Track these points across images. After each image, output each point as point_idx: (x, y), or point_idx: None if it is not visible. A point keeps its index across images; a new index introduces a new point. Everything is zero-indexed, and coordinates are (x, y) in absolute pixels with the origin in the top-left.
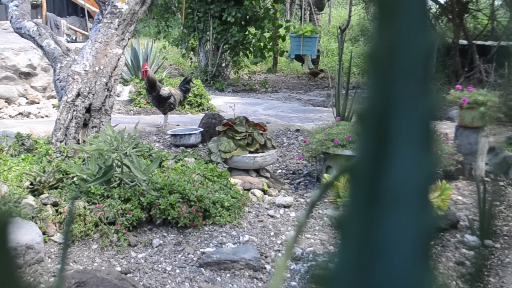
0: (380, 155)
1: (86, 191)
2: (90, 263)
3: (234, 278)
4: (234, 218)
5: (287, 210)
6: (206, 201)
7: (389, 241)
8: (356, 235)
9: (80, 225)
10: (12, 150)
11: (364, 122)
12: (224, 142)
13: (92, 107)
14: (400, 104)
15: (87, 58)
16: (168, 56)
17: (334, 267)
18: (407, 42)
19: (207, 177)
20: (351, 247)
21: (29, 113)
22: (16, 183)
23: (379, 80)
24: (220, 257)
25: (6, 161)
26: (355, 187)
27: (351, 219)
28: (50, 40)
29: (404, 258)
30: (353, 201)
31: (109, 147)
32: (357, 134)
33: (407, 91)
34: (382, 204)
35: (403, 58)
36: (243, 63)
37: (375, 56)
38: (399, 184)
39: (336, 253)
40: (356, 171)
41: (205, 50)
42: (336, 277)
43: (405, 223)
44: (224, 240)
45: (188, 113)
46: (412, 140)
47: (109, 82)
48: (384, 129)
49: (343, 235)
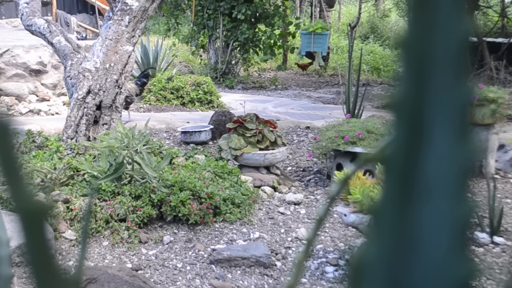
0: (415, 145)
1: (97, 188)
2: (101, 259)
3: (245, 275)
4: (244, 215)
5: (297, 207)
6: (217, 198)
7: (425, 232)
8: (391, 226)
9: (91, 222)
10: (23, 147)
11: (398, 111)
12: (235, 139)
13: (102, 104)
14: (435, 92)
15: (97, 55)
16: (178, 54)
17: (369, 259)
18: (443, 30)
19: (218, 174)
20: (386, 238)
21: (40, 110)
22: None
23: (414, 68)
24: (231, 254)
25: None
26: (390, 177)
27: (386, 210)
28: (61, 37)
29: (440, 250)
30: (387, 191)
31: (120, 144)
32: (391, 124)
33: (443, 79)
34: (418, 195)
35: (438, 46)
36: (253, 60)
37: (410, 45)
38: (435, 174)
39: (371, 245)
40: (391, 161)
41: (215, 48)
42: (371, 269)
43: (441, 214)
44: (235, 237)
45: (198, 110)
46: (447, 129)
47: (120, 79)
48: (419, 118)
49: (378, 227)
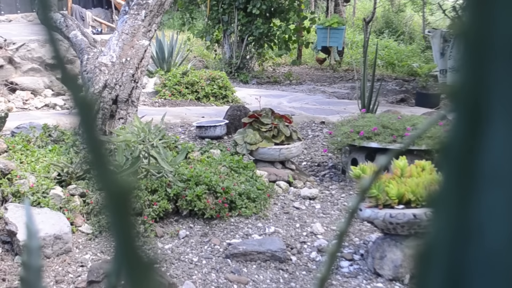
0: (476, 132)
1: None
2: None
3: (260, 269)
4: (259, 210)
5: (312, 202)
6: (232, 192)
7: (487, 220)
8: (452, 215)
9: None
10: (39, 141)
11: (459, 100)
12: (250, 134)
13: (118, 99)
14: (496, 80)
15: (113, 50)
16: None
17: (429, 246)
18: (503, 17)
19: (233, 169)
20: (447, 226)
21: (55, 104)
22: (44, 174)
23: (474, 57)
24: (246, 248)
25: (33, 152)
26: (450, 165)
27: (447, 198)
28: (77, 31)
29: (502, 238)
30: (448, 180)
31: (136, 139)
32: (451, 112)
33: (503, 67)
34: (479, 183)
35: (499, 34)
36: (267, 55)
37: (470, 34)
38: (496, 162)
39: (431, 233)
40: (451, 149)
41: (229, 42)
42: (433, 256)
43: (502, 202)
44: (250, 231)
45: (213, 105)
46: (509, 117)
47: (136, 73)
48: (479, 106)
49: (438, 215)
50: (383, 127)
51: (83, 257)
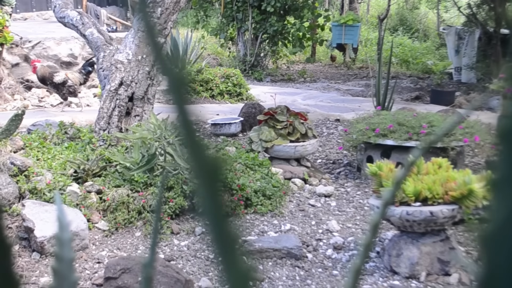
0: None
1: (129, 179)
2: (133, 250)
3: (276, 266)
4: (275, 207)
5: (327, 199)
6: (248, 190)
7: None
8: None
9: (124, 213)
10: (56, 138)
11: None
12: (265, 131)
13: (134, 96)
14: None
15: (129, 47)
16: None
17: (494, 229)
18: None
19: (249, 166)
20: (508, 207)
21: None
22: (60, 170)
23: None
24: (262, 245)
25: (50, 149)
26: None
27: (507, 180)
28: (93, 29)
29: None
30: (508, 163)
31: (152, 136)
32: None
33: None
34: None
35: None
36: (281, 53)
37: None
38: None
39: (495, 215)
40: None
41: (243, 40)
42: (498, 238)
43: None
44: (266, 228)
45: (227, 103)
46: None
47: (152, 71)
48: None
49: (500, 198)
50: (398, 125)
51: (99, 254)
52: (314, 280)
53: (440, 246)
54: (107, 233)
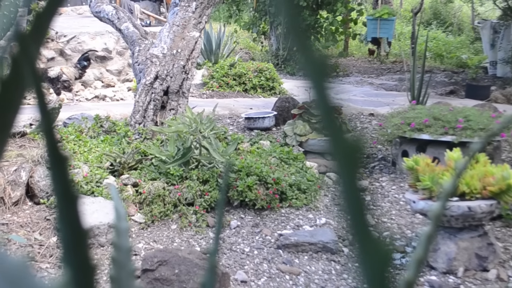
0: None
1: (165, 172)
2: (169, 242)
3: (312, 260)
4: (310, 201)
5: (362, 194)
6: (283, 183)
7: None
8: None
9: (160, 206)
10: (91, 131)
11: None
12: (300, 125)
13: (169, 90)
14: None
15: (165, 41)
16: (239, 41)
17: None
18: None
19: (283, 160)
20: None
21: (105, 96)
22: (97, 164)
23: None
24: (298, 239)
25: (86, 143)
26: None
27: None
28: (129, 23)
29: None
30: None
31: (188, 129)
32: None
33: None
34: None
35: None
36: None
37: None
38: None
39: None
40: None
41: (276, 34)
42: None
43: None
44: (301, 222)
45: (260, 97)
46: None
47: (187, 65)
48: None
49: None
50: (434, 119)
51: (136, 246)
52: (351, 274)
53: (478, 241)
54: (143, 226)
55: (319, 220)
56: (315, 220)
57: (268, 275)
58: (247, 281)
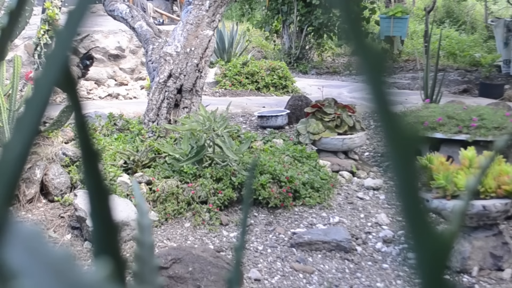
0: None
1: (178, 171)
2: (183, 240)
3: (325, 258)
4: (323, 200)
5: (376, 192)
6: (296, 182)
7: None
8: None
9: (173, 204)
10: (105, 130)
11: None
12: (313, 123)
13: (183, 88)
14: None
15: (178, 40)
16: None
17: None
18: None
19: (296, 158)
20: None
21: (118, 94)
22: (110, 161)
23: None
24: (312, 237)
25: (99, 140)
26: None
27: None
28: (142, 22)
29: None
30: None
31: (201, 127)
32: None
33: None
34: None
35: None
36: (327, 46)
37: None
38: None
39: None
40: None
41: (288, 33)
42: None
43: None
44: (314, 221)
45: (273, 95)
46: None
47: (200, 63)
48: None
49: None
50: (448, 118)
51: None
52: (364, 273)
53: (493, 240)
54: (157, 224)
55: (333, 219)
56: (329, 218)
57: (281, 274)
58: (260, 279)
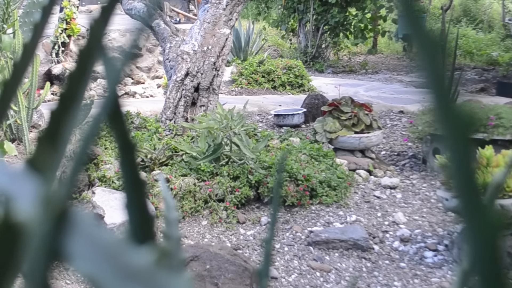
0: None
1: (196, 169)
2: (200, 238)
3: (343, 257)
4: (340, 198)
5: (393, 191)
6: (313, 180)
7: None
8: None
9: (190, 202)
10: None
11: None
12: (330, 122)
13: (200, 86)
14: None
15: (195, 38)
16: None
17: None
18: None
19: (313, 157)
20: None
21: (135, 93)
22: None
23: None
24: (329, 236)
25: None
26: None
27: None
28: (160, 20)
29: None
30: None
31: (218, 126)
32: None
33: None
34: None
35: None
36: (343, 44)
37: None
38: None
39: None
40: None
41: (305, 31)
42: None
43: None
44: (331, 219)
45: (289, 94)
46: None
47: (217, 61)
48: None
49: None
50: None
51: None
52: (381, 272)
53: (510, 240)
54: None
55: (350, 217)
56: (345, 217)
57: (298, 272)
58: (277, 277)
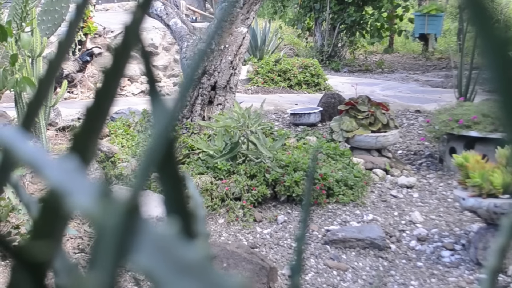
0: None
1: (212, 167)
2: (217, 236)
3: (359, 256)
4: (357, 197)
5: (409, 190)
6: (330, 179)
7: None
8: None
9: (207, 200)
10: (139, 126)
11: None
12: (346, 121)
13: (217, 85)
14: None
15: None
16: (283, 37)
17: None
18: None
19: (330, 156)
20: None
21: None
22: None
23: None
24: (345, 235)
25: (134, 137)
26: None
27: None
28: (177, 19)
29: None
30: None
31: (235, 124)
32: None
33: None
34: None
35: None
36: (359, 43)
37: None
38: None
39: None
40: None
41: (321, 30)
42: None
43: None
44: (348, 218)
45: (305, 93)
46: None
47: (234, 60)
48: None
49: None
50: (483, 116)
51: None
52: (398, 271)
53: None
54: None
55: (366, 217)
56: (362, 216)
57: (315, 271)
58: None
